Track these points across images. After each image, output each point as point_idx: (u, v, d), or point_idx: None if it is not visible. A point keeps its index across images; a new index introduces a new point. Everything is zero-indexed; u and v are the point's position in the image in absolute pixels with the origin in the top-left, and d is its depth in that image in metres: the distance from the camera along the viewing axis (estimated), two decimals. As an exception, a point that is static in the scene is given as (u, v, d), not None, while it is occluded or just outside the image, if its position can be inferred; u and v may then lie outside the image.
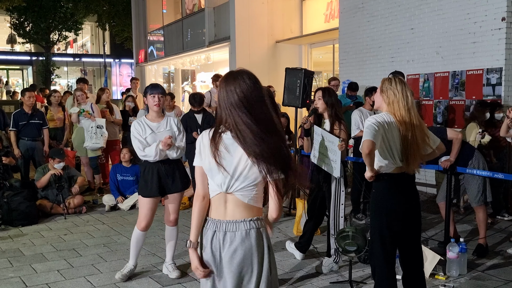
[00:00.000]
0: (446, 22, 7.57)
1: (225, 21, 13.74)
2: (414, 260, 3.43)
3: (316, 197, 4.70)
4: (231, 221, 2.19)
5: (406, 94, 3.23)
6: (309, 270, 4.59)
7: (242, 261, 2.16)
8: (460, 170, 4.92)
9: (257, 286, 2.19)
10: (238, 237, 2.17)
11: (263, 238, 2.21)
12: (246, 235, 2.17)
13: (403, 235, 3.36)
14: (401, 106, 3.21)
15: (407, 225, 3.35)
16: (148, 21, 20.43)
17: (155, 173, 4.30)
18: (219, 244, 2.20)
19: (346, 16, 9.74)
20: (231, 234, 2.18)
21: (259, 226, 2.20)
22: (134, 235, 4.42)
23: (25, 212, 6.19)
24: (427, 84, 7.91)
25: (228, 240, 2.18)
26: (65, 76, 36.26)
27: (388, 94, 3.27)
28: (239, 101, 2.14)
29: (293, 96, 6.33)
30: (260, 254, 2.19)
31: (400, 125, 3.22)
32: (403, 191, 3.33)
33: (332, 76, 9.81)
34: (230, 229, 2.18)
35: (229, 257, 2.17)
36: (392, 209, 3.30)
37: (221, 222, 2.20)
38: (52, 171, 6.71)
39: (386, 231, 3.31)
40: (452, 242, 4.47)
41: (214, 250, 2.21)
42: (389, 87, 3.27)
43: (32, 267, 4.73)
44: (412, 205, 3.37)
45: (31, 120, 7.50)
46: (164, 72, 21.42)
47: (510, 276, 4.39)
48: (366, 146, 3.10)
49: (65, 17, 28.22)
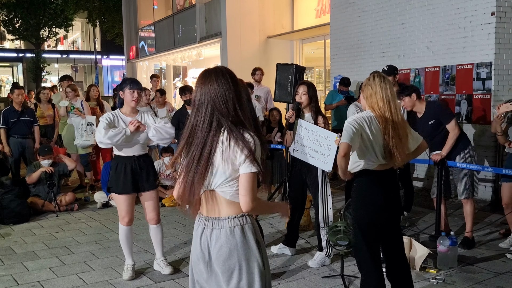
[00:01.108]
0: (436, 17, 7.60)
1: (216, 17, 13.71)
2: (396, 251, 3.44)
3: (297, 190, 4.74)
4: (216, 218, 2.22)
5: (384, 87, 3.22)
6: (301, 265, 4.61)
7: (228, 258, 2.19)
8: (451, 164, 4.97)
9: (249, 281, 2.20)
10: (223, 235, 2.19)
11: (250, 234, 2.22)
12: (231, 232, 2.19)
13: (385, 229, 3.36)
14: (378, 98, 3.21)
15: (389, 219, 3.36)
16: (139, 17, 20.33)
17: (128, 169, 4.21)
18: (207, 240, 2.23)
19: (337, 12, 9.74)
20: (217, 232, 2.20)
21: (244, 223, 2.21)
22: (122, 232, 4.36)
23: (16, 210, 6.16)
24: (418, 79, 7.95)
25: (215, 237, 2.21)
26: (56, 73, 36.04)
27: (365, 90, 3.30)
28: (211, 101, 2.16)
29: (284, 91, 6.33)
30: (247, 250, 2.20)
31: (379, 119, 3.20)
32: (385, 186, 3.32)
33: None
34: (216, 226, 2.21)
35: (216, 254, 2.20)
36: (374, 204, 3.30)
37: (208, 219, 2.24)
38: (43, 168, 6.67)
39: (368, 226, 3.32)
40: (443, 235, 4.50)
41: (203, 247, 2.24)
42: (367, 83, 3.30)
43: (24, 265, 4.71)
44: (393, 199, 3.37)
45: (21, 118, 7.45)
46: (156, 69, 21.33)
47: (500, 269, 4.44)
48: (342, 149, 3.10)
49: (55, 13, 28.01)
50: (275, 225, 5.93)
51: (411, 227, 5.74)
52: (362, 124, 3.18)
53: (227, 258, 2.18)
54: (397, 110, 3.23)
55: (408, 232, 5.33)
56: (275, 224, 5.94)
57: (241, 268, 2.19)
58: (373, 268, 3.32)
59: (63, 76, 9.18)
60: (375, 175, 3.30)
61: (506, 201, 5.02)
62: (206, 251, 2.23)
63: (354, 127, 3.14)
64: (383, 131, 3.19)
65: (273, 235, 5.52)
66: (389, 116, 3.19)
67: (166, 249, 5.01)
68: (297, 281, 4.23)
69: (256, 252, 2.22)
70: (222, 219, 2.20)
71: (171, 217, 6.38)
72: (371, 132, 3.18)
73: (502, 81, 6.85)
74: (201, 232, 2.26)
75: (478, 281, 4.19)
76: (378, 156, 3.23)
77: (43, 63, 29.63)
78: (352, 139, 3.11)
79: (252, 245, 2.21)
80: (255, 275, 2.21)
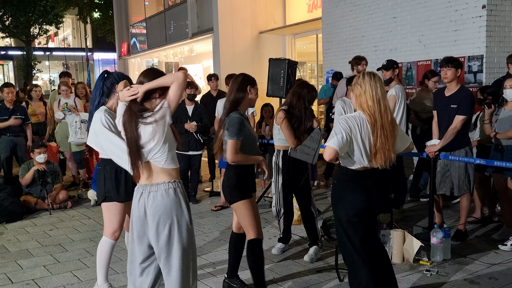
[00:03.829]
0: (428, 11, 7.62)
1: (208, 12, 13.66)
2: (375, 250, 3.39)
3: (288, 189, 4.71)
4: (154, 184, 2.73)
5: (374, 85, 3.16)
6: (295, 259, 4.63)
7: (163, 213, 2.69)
8: (443, 157, 4.95)
9: (179, 233, 2.72)
10: (159, 195, 2.71)
11: (181, 196, 2.75)
12: (166, 193, 2.71)
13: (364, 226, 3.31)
14: (368, 97, 3.15)
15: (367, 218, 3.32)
16: (130, 13, 20.20)
17: (124, 172, 3.59)
18: (144, 202, 2.72)
19: (329, 6, 9.74)
20: (154, 193, 2.71)
21: (176, 186, 2.75)
22: (108, 248, 3.74)
23: (9, 208, 6.13)
24: (410, 72, 7.98)
25: (152, 198, 2.71)
26: (47, 71, 35.77)
27: (355, 89, 3.24)
28: None
29: (277, 86, 6.34)
30: (179, 208, 2.73)
31: (368, 118, 3.15)
32: (365, 185, 3.25)
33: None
34: (153, 190, 2.72)
35: (153, 211, 2.70)
36: (352, 201, 3.25)
37: (147, 185, 2.74)
38: (36, 166, 6.63)
39: (348, 222, 3.27)
40: (436, 228, 4.53)
41: (140, 208, 2.74)
42: (356, 82, 3.24)
43: (18, 263, 4.69)
44: (374, 198, 3.30)
45: (12, 115, 7.39)
46: (148, 65, 21.23)
47: (493, 260, 4.48)
48: (328, 154, 3.07)
49: (45, 10, 27.70)
50: (277, 225, 5.94)
51: (405, 220, 5.78)
52: (355, 129, 3.13)
53: (162, 214, 2.69)
54: (387, 109, 3.18)
55: (401, 225, 5.35)
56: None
57: (172, 222, 2.71)
58: (359, 263, 3.28)
59: (62, 72, 9.12)
60: (355, 174, 3.26)
61: (499, 191, 5.06)
62: (142, 211, 2.73)
63: (347, 134, 3.10)
64: (371, 130, 3.14)
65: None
66: (378, 116, 3.13)
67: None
68: (291, 275, 4.25)
69: (186, 211, 2.76)
70: (158, 184, 2.72)
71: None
72: (361, 137, 3.14)
73: (493, 74, 6.88)
74: (139, 196, 2.76)
75: (471, 272, 4.22)
76: (364, 159, 3.19)
77: (33, 60, 29.38)
78: (341, 147, 3.08)
79: (183, 205, 2.75)
80: (183, 229, 2.74)
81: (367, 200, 3.25)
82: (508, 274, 4.18)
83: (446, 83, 4.95)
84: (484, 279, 4.08)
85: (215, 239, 5.23)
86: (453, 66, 4.80)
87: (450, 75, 4.82)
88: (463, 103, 4.77)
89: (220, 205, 6.49)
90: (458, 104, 4.78)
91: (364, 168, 3.23)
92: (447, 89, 4.95)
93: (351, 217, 3.26)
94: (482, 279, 4.08)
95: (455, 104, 4.80)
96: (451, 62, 4.82)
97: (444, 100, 4.93)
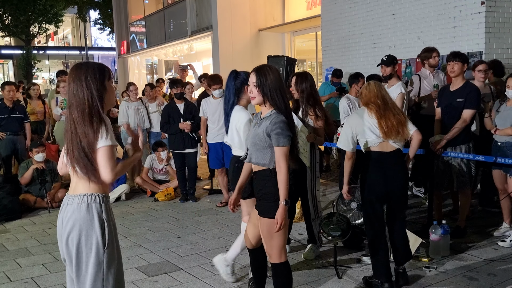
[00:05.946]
0: (426, 7, 7.61)
1: (207, 10, 13.65)
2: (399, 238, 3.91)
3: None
4: (71, 196, 2.44)
5: (379, 89, 3.74)
6: (294, 256, 4.62)
7: (71, 231, 2.38)
8: (444, 154, 4.94)
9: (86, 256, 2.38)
10: (70, 210, 2.41)
11: (95, 212, 2.39)
12: (78, 208, 2.38)
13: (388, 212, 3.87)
14: (372, 95, 3.73)
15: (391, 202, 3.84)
16: (129, 12, 20.21)
17: None
18: (61, 216, 2.46)
19: (328, 3, 9.73)
20: (69, 207, 2.42)
21: (90, 201, 2.39)
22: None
23: (8, 207, 6.13)
24: (409, 69, 7.96)
25: (66, 212, 2.42)
26: (47, 70, 35.78)
27: (362, 93, 3.83)
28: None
29: (276, 84, 6.33)
30: (89, 226, 2.37)
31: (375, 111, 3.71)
32: (386, 169, 3.72)
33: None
34: (69, 202, 2.43)
35: (64, 227, 2.41)
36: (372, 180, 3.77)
37: (68, 196, 2.46)
38: (35, 165, 6.63)
39: (371, 208, 3.80)
40: (435, 224, 4.52)
41: (59, 222, 2.47)
42: (363, 89, 3.83)
43: (16, 261, 4.69)
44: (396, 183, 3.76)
45: (12, 114, 7.38)
46: (147, 64, 21.24)
47: (491, 256, 4.47)
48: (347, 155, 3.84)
49: (45, 9, 27.73)
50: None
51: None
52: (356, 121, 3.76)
53: (70, 231, 2.38)
54: (392, 102, 3.77)
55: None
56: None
57: (80, 242, 2.37)
58: (378, 233, 3.81)
59: (59, 71, 9.12)
60: (377, 157, 3.75)
61: (499, 187, 5.05)
62: (60, 226, 2.46)
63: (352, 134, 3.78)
64: (378, 118, 3.66)
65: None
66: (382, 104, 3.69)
67: (159, 243, 5.01)
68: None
69: (98, 230, 2.38)
70: (74, 196, 2.42)
71: (164, 211, 6.38)
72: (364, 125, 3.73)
73: (492, 70, 6.86)
74: (61, 208, 2.48)
75: (470, 269, 4.22)
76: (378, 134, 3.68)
77: (33, 59, 29.39)
78: (352, 148, 3.84)
79: (95, 223, 2.38)
80: (92, 251, 2.37)
81: (385, 182, 3.73)
82: (507, 270, 4.17)
83: (452, 77, 4.99)
84: (483, 276, 4.07)
85: (214, 237, 5.23)
86: (460, 60, 4.87)
87: (457, 69, 4.87)
88: (470, 97, 4.81)
89: (224, 201, 6.48)
90: (465, 99, 4.81)
91: (380, 148, 3.72)
92: (452, 84, 5.00)
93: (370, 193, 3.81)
94: (481, 276, 4.07)
95: (461, 98, 4.83)
96: (458, 56, 4.89)
97: (449, 95, 4.95)
